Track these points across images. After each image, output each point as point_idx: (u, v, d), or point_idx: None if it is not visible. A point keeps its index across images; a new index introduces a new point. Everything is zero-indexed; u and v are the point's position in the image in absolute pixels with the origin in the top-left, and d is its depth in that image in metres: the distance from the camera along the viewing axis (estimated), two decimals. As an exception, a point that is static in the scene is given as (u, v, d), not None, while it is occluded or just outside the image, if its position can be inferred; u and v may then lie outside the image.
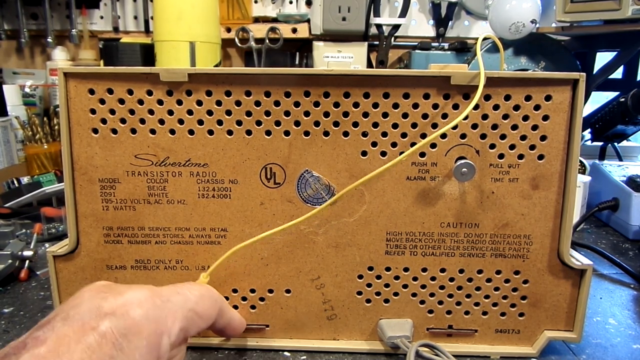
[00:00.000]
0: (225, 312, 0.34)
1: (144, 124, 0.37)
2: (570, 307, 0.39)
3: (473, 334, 0.40)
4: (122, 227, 0.38)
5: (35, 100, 0.90)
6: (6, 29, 1.01)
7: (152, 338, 0.24)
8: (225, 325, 0.34)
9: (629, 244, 0.66)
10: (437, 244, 0.38)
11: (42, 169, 0.80)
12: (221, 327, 0.34)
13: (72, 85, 0.36)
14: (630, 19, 0.71)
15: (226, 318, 0.34)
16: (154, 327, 0.25)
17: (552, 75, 0.35)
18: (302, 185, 0.37)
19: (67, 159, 0.37)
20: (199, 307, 0.29)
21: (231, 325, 0.35)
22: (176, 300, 0.28)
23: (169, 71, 0.36)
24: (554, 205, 0.37)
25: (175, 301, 0.27)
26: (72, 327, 0.22)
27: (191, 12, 0.76)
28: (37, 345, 0.21)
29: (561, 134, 0.36)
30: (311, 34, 0.98)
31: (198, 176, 0.37)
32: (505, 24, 0.77)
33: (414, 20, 1.02)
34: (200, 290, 0.31)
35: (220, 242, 0.39)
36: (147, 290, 0.26)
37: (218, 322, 0.33)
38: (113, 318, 0.23)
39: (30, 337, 0.22)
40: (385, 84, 0.36)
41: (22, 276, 0.51)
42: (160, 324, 0.25)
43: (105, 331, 0.22)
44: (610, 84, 0.97)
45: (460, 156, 0.37)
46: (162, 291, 0.27)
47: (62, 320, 0.22)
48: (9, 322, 0.43)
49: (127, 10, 1.02)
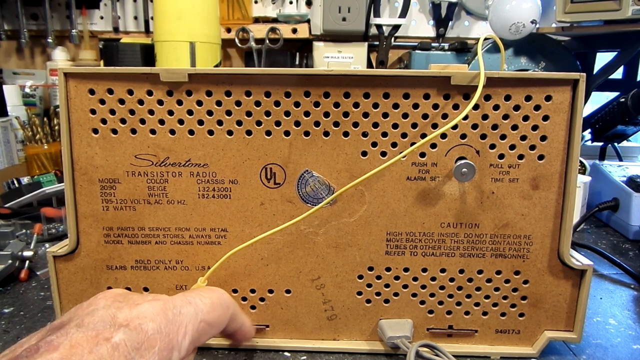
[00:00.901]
0: (237, 318, 0.34)
1: (144, 124, 0.37)
2: (570, 307, 0.39)
3: (473, 334, 0.40)
4: (122, 227, 0.38)
5: (36, 100, 0.90)
6: (6, 29, 1.01)
7: (164, 353, 0.24)
8: (236, 330, 0.34)
9: (629, 244, 0.66)
10: (437, 244, 0.38)
11: (42, 169, 0.80)
12: (231, 332, 0.34)
13: (72, 85, 0.36)
14: (630, 19, 0.71)
15: (237, 323, 0.34)
16: (166, 342, 0.25)
17: (552, 76, 0.35)
18: (302, 185, 0.37)
19: (67, 159, 0.37)
20: (209, 316, 0.29)
21: (242, 331, 0.35)
22: (187, 311, 0.28)
23: (169, 71, 0.36)
24: (554, 205, 0.37)
25: (186, 313, 0.27)
26: (86, 335, 0.22)
27: (191, 13, 0.76)
28: (50, 350, 0.21)
29: (561, 134, 0.36)
30: (311, 34, 0.98)
31: (198, 176, 0.37)
32: (506, 24, 0.77)
33: (414, 20, 1.02)
34: (211, 298, 0.30)
35: (220, 242, 0.39)
36: (161, 303, 0.27)
37: (229, 327, 0.33)
38: (127, 330, 0.23)
39: (43, 341, 0.22)
40: (385, 84, 0.36)
41: (22, 276, 0.51)
42: (171, 338, 0.25)
43: (119, 343, 0.22)
44: (610, 84, 0.97)
45: (460, 156, 0.37)
46: (174, 302, 0.28)
47: (76, 327, 0.23)
48: (9, 322, 0.43)
49: (127, 10, 1.02)
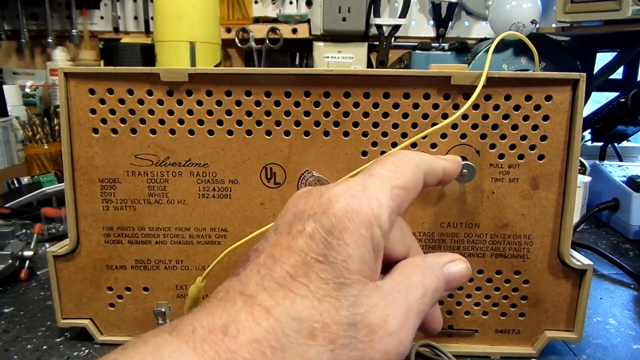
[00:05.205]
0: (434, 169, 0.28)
1: (144, 124, 0.37)
2: (570, 307, 0.39)
3: (473, 334, 0.40)
4: (122, 227, 0.38)
5: (36, 100, 0.90)
6: (6, 29, 1.01)
7: (362, 231, 0.22)
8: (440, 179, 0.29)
9: (629, 244, 0.65)
10: (437, 244, 0.38)
11: (42, 169, 0.80)
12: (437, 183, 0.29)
13: (73, 85, 0.36)
14: (630, 19, 0.71)
15: (436, 174, 0.28)
16: (359, 220, 0.22)
17: (552, 76, 0.35)
18: (303, 185, 0.37)
19: (67, 159, 0.37)
20: (399, 181, 0.25)
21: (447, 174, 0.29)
22: (373, 184, 0.24)
23: (170, 71, 0.36)
24: (554, 205, 0.37)
25: (372, 185, 0.24)
26: (282, 234, 0.23)
27: (191, 12, 0.76)
28: (258, 255, 0.23)
29: (561, 134, 0.36)
30: (311, 35, 0.98)
31: (198, 176, 0.38)
32: (505, 25, 0.77)
33: (414, 20, 1.03)
34: (394, 163, 0.26)
35: (220, 242, 0.39)
36: (343, 184, 0.24)
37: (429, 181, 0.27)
38: (316, 217, 0.22)
39: (252, 250, 0.24)
40: (385, 84, 0.36)
41: (22, 276, 0.51)
42: (364, 214, 0.23)
43: (312, 232, 0.22)
44: (610, 84, 0.97)
45: (460, 156, 0.37)
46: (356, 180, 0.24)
47: (273, 231, 0.24)
48: (9, 322, 0.43)
49: (127, 10, 1.02)
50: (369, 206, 0.23)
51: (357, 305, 0.21)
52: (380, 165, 0.26)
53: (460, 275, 0.26)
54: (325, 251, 0.21)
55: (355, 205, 0.23)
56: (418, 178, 0.26)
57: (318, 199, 0.23)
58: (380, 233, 0.23)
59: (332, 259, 0.21)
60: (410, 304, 0.23)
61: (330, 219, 0.22)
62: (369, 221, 0.23)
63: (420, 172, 0.26)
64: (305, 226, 0.22)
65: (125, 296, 0.40)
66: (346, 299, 0.21)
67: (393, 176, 0.25)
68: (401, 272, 0.25)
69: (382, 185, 0.24)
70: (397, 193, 0.24)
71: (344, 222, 0.22)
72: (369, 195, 0.23)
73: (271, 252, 0.22)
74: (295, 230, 0.22)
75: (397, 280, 0.24)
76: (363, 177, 0.25)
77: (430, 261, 0.26)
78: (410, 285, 0.24)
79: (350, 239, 0.22)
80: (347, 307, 0.21)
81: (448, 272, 0.26)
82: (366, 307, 0.21)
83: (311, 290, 0.21)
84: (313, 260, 0.21)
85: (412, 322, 0.23)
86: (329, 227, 0.22)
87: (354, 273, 0.22)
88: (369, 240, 0.23)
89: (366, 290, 0.22)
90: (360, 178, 0.25)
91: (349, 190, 0.23)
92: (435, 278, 0.25)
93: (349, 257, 0.22)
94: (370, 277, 0.22)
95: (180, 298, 0.40)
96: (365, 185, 0.24)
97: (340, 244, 0.22)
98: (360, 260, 0.22)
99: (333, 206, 0.22)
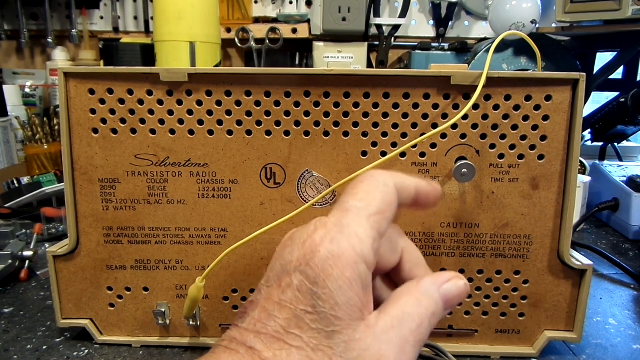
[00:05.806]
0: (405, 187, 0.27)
1: (144, 124, 0.37)
2: (570, 307, 0.39)
3: (473, 334, 0.40)
4: (122, 227, 0.38)
5: (36, 100, 0.90)
6: (6, 29, 1.01)
7: (347, 274, 0.23)
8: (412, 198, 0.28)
9: (629, 244, 0.65)
10: (437, 244, 0.38)
11: (42, 169, 0.80)
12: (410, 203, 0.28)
13: (73, 85, 0.36)
14: (630, 19, 0.71)
15: (409, 192, 0.28)
16: (341, 265, 0.23)
17: (552, 76, 0.35)
18: (303, 185, 0.37)
19: (67, 159, 0.37)
20: (373, 207, 0.25)
21: (421, 194, 0.28)
22: (348, 221, 0.24)
23: (169, 71, 0.36)
24: (554, 205, 0.37)
25: (348, 223, 0.24)
26: (273, 287, 0.24)
27: (191, 12, 0.76)
28: (253, 309, 0.24)
29: (561, 134, 0.36)
30: (311, 34, 0.98)
31: (198, 176, 0.37)
32: (505, 24, 0.77)
33: (414, 20, 1.02)
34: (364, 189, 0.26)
35: (220, 242, 0.39)
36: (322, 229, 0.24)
37: (403, 200, 0.27)
38: (301, 269, 0.23)
39: (247, 302, 0.25)
40: (385, 84, 0.36)
41: (22, 276, 0.51)
42: (345, 257, 0.23)
43: (299, 285, 0.23)
44: (610, 84, 0.97)
45: (460, 156, 0.37)
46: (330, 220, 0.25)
47: (265, 284, 0.25)
48: (9, 322, 0.43)
49: (127, 10, 1.02)
50: (349, 246, 0.23)
51: (348, 350, 0.22)
52: (352, 197, 0.26)
53: (459, 293, 0.26)
54: (313, 302, 0.22)
55: (336, 250, 0.23)
56: (391, 197, 0.26)
57: (301, 249, 0.24)
58: (367, 267, 0.24)
59: (321, 309, 0.22)
60: (406, 337, 0.23)
61: (314, 269, 0.23)
62: (353, 261, 0.23)
63: (390, 190, 0.26)
64: (293, 279, 0.23)
65: (125, 296, 0.40)
66: (337, 346, 0.22)
67: (366, 204, 0.25)
68: (395, 304, 0.25)
69: (358, 218, 0.25)
70: (375, 220, 0.25)
71: (327, 270, 0.23)
72: (348, 234, 0.24)
73: (265, 306, 0.23)
74: (284, 283, 0.23)
75: (390, 315, 0.24)
76: (338, 216, 0.25)
77: (425, 285, 0.26)
78: (404, 318, 0.24)
79: (334, 285, 0.22)
80: (339, 354, 0.22)
81: (445, 292, 0.25)
82: (358, 351, 0.22)
83: (305, 341, 0.22)
84: (303, 312, 0.22)
85: (409, 355, 0.23)
86: (313, 278, 0.23)
87: (342, 320, 0.22)
88: (356, 280, 0.23)
89: (357, 333, 0.23)
90: (336, 217, 0.25)
91: (328, 235, 0.24)
92: (432, 302, 0.25)
93: (335, 304, 0.22)
94: (360, 317, 0.23)
95: (180, 298, 0.40)
96: (342, 224, 0.24)
97: (325, 292, 0.22)
98: (348, 304, 0.22)
99: (315, 256, 0.23)
